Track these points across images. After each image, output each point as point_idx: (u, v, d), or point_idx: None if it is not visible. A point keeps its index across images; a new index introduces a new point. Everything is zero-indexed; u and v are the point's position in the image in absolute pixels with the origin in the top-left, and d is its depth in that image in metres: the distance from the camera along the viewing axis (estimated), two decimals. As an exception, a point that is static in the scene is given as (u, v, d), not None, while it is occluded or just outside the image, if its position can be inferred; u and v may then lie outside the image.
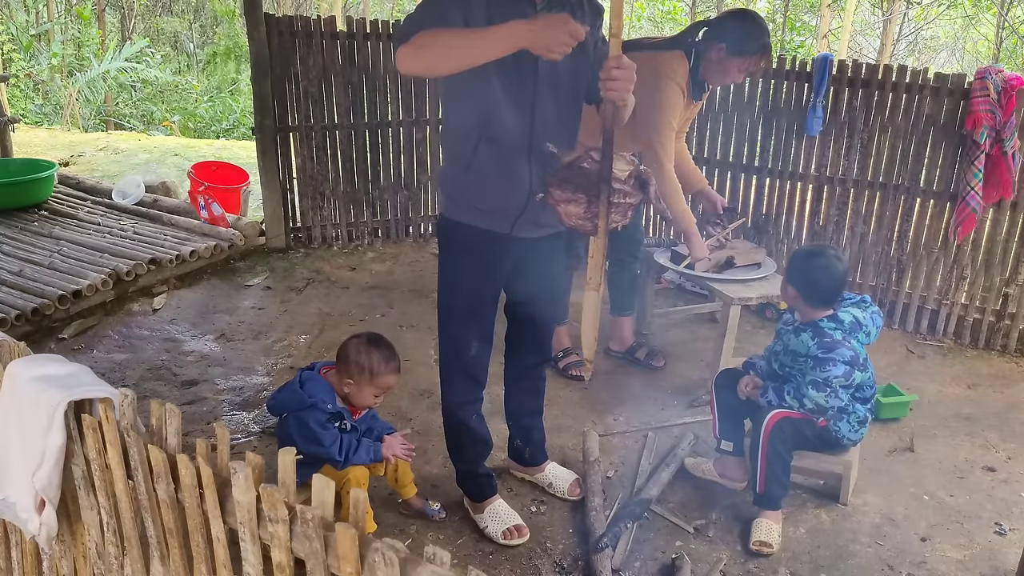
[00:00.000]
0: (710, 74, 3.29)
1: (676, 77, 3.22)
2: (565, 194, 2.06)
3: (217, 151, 8.42)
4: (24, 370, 1.77)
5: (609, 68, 1.93)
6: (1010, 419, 3.54)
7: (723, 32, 3.21)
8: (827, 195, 4.47)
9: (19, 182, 5.36)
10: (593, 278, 2.14)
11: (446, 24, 2.02)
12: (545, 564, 2.57)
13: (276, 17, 4.93)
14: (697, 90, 3.36)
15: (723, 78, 3.29)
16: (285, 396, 2.46)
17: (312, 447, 2.37)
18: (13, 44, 11.68)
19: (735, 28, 3.20)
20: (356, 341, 2.48)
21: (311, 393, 2.40)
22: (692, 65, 3.27)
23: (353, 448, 2.43)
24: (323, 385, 2.45)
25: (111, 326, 4.15)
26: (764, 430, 2.67)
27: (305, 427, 2.37)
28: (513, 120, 2.20)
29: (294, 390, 2.43)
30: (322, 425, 2.38)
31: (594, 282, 2.14)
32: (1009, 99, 3.81)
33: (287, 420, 2.43)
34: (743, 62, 3.20)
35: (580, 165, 2.03)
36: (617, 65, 1.93)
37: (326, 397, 2.42)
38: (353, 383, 2.45)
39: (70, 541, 1.90)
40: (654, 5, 14.34)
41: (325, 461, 2.42)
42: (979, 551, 2.69)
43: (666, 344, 4.05)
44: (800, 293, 2.71)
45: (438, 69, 2.09)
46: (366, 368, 2.43)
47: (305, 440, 2.36)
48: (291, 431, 2.39)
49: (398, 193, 5.41)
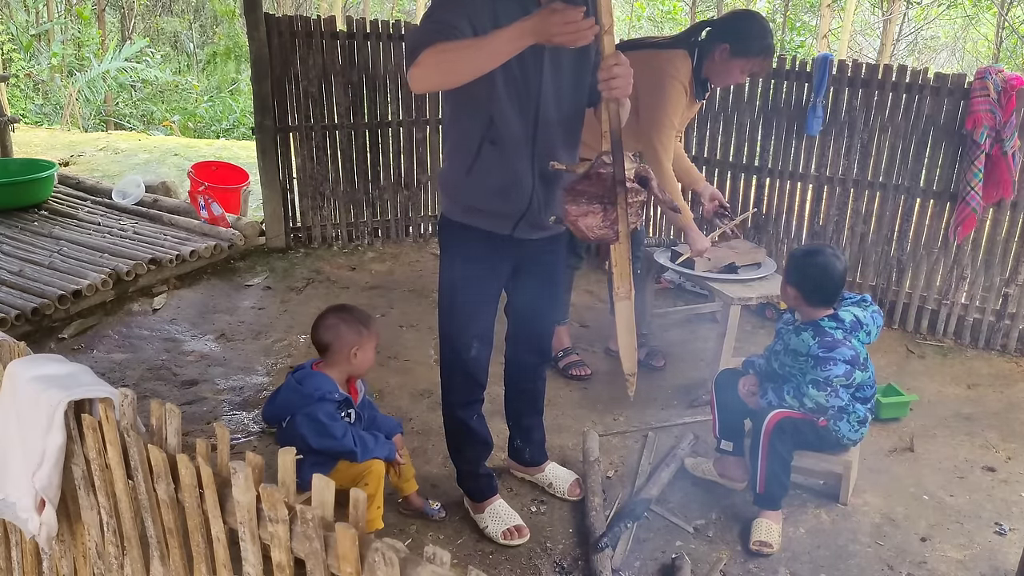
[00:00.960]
0: (713, 74, 3.29)
1: (679, 76, 3.21)
2: (581, 208, 2.04)
3: (217, 151, 8.42)
4: (24, 370, 1.77)
5: (609, 67, 1.92)
6: (1010, 419, 3.54)
7: (727, 33, 3.21)
8: (827, 195, 4.47)
9: (19, 182, 5.36)
10: (622, 287, 2.12)
11: (451, 33, 2.00)
12: (545, 564, 2.57)
13: (276, 17, 4.93)
14: (700, 90, 3.36)
15: (726, 78, 3.29)
16: (286, 398, 2.44)
17: (326, 442, 2.36)
18: (13, 44, 11.68)
19: (739, 29, 3.20)
20: (333, 315, 2.50)
21: (316, 386, 2.40)
22: (695, 65, 3.27)
23: (368, 441, 2.43)
24: (324, 377, 2.44)
25: (111, 326, 4.15)
26: (765, 430, 2.66)
27: (316, 422, 2.35)
28: (516, 122, 2.20)
29: (294, 390, 2.42)
30: (332, 417, 2.38)
31: (623, 291, 2.12)
32: (1009, 99, 3.80)
33: (293, 421, 2.40)
34: (746, 63, 3.20)
35: (597, 172, 2.01)
36: (616, 63, 1.92)
37: (331, 387, 2.42)
38: (358, 346, 2.47)
39: (70, 541, 1.90)
40: (654, 5, 14.35)
41: (337, 458, 2.42)
42: (979, 551, 2.69)
43: (666, 344, 4.05)
44: (800, 293, 2.71)
45: (451, 83, 2.05)
46: (361, 327, 2.48)
47: (318, 435, 2.35)
48: (301, 430, 2.36)
49: (398, 193, 5.41)
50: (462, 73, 1.99)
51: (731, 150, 4.70)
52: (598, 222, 2.04)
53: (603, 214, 2.02)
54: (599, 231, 2.05)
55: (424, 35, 2.00)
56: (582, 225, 2.05)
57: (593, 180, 2.02)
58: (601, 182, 2.01)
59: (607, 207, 2.01)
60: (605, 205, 2.01)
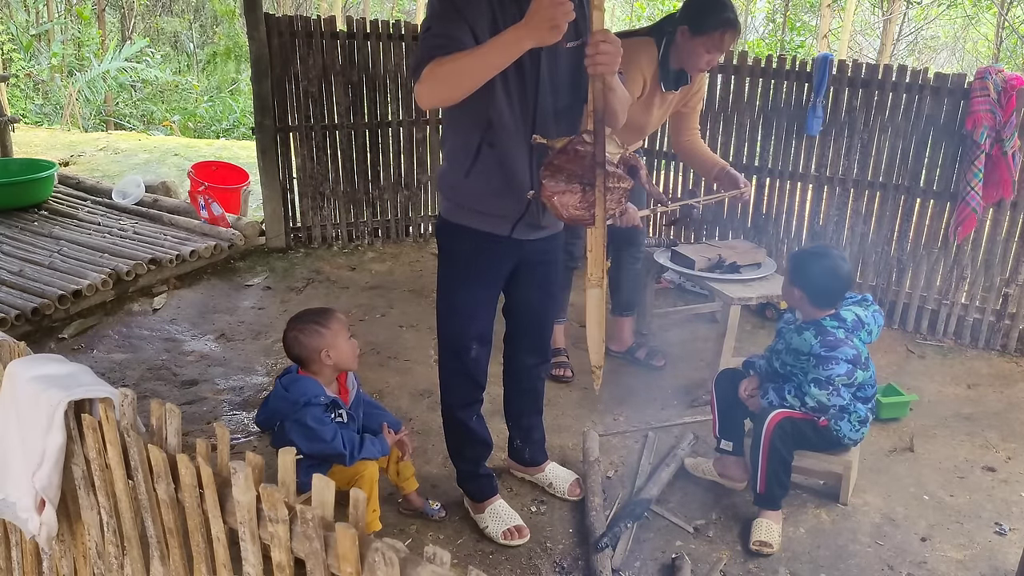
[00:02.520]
0: (681, 60, 3.20)
1: (638, 64, 3.14)
2: (559, 185, 1.99)
3: (217, 151, 8.42)
4: (24, 370, 1.77)
5: (596, 42, 1.91)
6: (1010, 419, 3.54)
7: (686, 14, 3.14)
8: (827, 195, 4.47)
9: (19, 182, 5.36)
10: (594, 274, 2.07)
11: (451, 45, 2.00)
12: (545, 564, 2.57)
13: (276, 17, 4.92)
14: (670, 80, 3.26)
15: (694, 62, 3.17)
16: (275, 405, 2.44)
17: (316, 446, 2.36)
18: (13, 44, 11.67)
19: (696, 6, 3.12)
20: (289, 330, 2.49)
21: (302, 392, 2.40)
22: (662, 53, 3.20)
23: (357, 443, 2.43)
24: (309, 381, 2.44)
25: (111, 326, 4.15)
26: (766, 430, 2.66)
27: (304, 427, 2.36)
28: (514, 125, 2.20)
29: (282, 397, 2.41)
30: (320, 421, 2.37)
31: (595, 278, 2.06)
32: (1009, 99, 3.80)
33: (283, 427, 2.41)
34: (706, 40, 3.08)
35: (574, 148, 1.97)
36: (604, 39, 1.91)
37: (317, 391, 2.42)
38: (325, 348, 2.45)
39: (70, 541, 1.90)
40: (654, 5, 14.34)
41: (332, 462, 2.42)
42: (979, 551, 2.69)
43: (666, 344, 4.05)
44: (806, 294, 2.71)
45: (455, 96, 2.04)
46: (318, 327, 2.46)
47: (308, 440, 2.35)
48: (291, 436, 2.37)
49: (398, 193, 5.41)
50: (464, 86, 2.00)
51: (731, 150, 4.70)
52: (575, 202, 1.98)
53: (581, 195, 1.97)
54: (575, 211, 2.00)
55: (425, 51, 2.02)
56: (557, 203, 2.00)
57: (571, 156, 1.97)
58: (579, 159, 1.96)
59: (586, 188, 1.96)
60: (584, 186, 1.96)
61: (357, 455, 2.42)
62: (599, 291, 2.09)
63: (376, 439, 2.50)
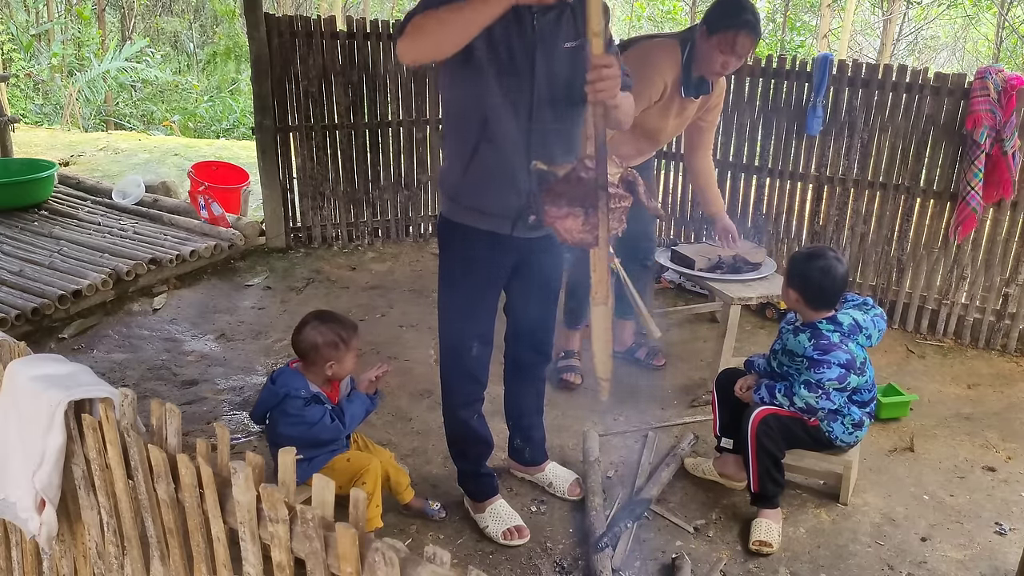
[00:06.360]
0: (699, 64, 3.16)
1: (659, 66, 3.12)
2: (561, 210, 2.02)
3: (217, 151, 8.42)
4: (24, 370, 1.77)
5: (597, 68, 1.92)
6: (1010, 419, 3.54)
7: (706, 14, 3.13)
8: (827, 195, 4.47)
9: (19, 182, 5.36)
10: (599, 292, 2.10)
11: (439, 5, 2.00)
12: (545, 564, 2.56)
13: (276, 17, 4.92)
14: (691, 86, 3.23)
15: (710, 65, 3.12)
16: (263, 397, 2.50)
17: (302, 431, 2.40)
18: (13, 44, 11.68)
19: (716, 6, 3.11)
20: (312, 328, 2.49)
21: (284, 384, 2.45)
22: (685, 59, 3.18)
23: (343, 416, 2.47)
24: (294, 375, 2.48)
25: (111, 326, 4.15)
26: (750, 428, 2.67)
27: (287, 415, 2.42)
28: (511, 122, 2.20)
29: (269, 389, 2.48)
30: (299, 410, 2.42)
31: (600, 296, 2.10)
32: (1009, 99, 3.80)
33: (271, 419, 2.48)
34: (720, 41, 3.04)
35: (578, 176, 2.00)
36: (605, 64, 1.92)
37: (298, 384, 2.45)
38: (334, 361, 2.49)
39: (70, 541, 1.90)
40: (654, 5, 14.35)
41: (328, 449, 2.46)
42: (979, 551, 2.69)
43: (666, 344, 4.04)
44: (801, 296, 2.71)
45: (438, 49, 2.05)
46: (340, 342, 2.49)
47: (293, 427, 2.41)
48: (279, 428, 2.44)
49: (398, 193, 5.41)
50: (447, 37, 2.00)
51: (731, 150, 4.70)
52: (578, 226, 2.01)
53: (584, 218, 2.00)
54: (578, 235, 2.03)
55: (418, 8, 2.03)
56: (561, 228, 2.04)
57: (573, 183, 2.00)
58: (581, 185, 1.98)
59: (588, 211, 1.98)
60: (586, 209, 1.98)
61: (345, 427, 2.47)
62: (604, 308, 2.13)
63: (351, 401, 2.52)
